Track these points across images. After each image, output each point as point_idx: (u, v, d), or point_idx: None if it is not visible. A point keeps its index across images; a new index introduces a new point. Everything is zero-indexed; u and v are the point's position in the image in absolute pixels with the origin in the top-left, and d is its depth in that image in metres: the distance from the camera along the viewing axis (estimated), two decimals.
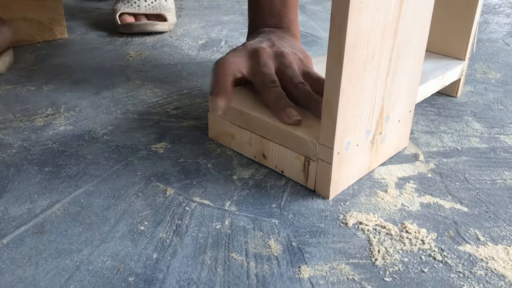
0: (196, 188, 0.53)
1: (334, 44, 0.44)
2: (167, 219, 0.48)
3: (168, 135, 0.63)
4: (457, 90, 0.76)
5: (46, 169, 0.55)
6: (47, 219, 0.47)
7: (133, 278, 0.41)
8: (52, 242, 0.44)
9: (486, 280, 0.41)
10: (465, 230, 0.47)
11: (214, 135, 0.62)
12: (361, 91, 0.48)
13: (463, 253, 0.44)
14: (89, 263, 0.42)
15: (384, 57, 0.49)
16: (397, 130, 0.58)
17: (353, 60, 0.45)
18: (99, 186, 0.53)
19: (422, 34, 0.54)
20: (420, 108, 0.72)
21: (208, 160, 0.58)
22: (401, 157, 0.60)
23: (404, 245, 0.45)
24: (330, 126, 0.47)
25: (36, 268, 0.41)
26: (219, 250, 0.44)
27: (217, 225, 0.47)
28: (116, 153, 0.59)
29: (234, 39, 1.01)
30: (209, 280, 0.41)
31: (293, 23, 0.67)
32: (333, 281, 0.41)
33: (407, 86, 0.55)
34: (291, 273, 0.42)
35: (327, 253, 0.44)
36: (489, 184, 0.55)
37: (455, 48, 0.73)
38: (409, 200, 0.52)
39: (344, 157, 0.50)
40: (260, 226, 0.47)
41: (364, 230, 0.47)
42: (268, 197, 0.51)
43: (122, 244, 0.44)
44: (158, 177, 0.54)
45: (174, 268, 0.42)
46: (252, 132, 0.56)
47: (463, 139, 0.64)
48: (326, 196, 0.51)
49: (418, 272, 0.42)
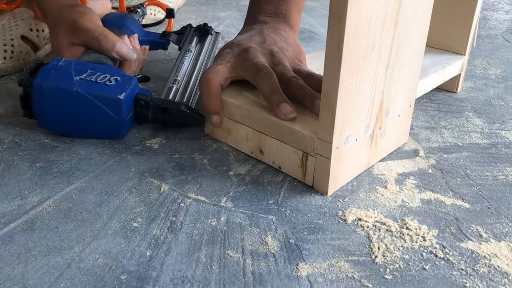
0: (191, 184, 0.51)
1: (333, 34, 0.42)
2: (161, 216, 0.46)
3: (163, 130, 0.62)
4: (457, 85, 0.75)
5: (37, 164, 0.54)
6: (37, 215, 0.46)
7: (126, 276, 0.39)
8: (42, 239, 0.43)
9: (489, 278, 0.40)
10: (467, 226, 0.46)
11: (210, 131, 0.61)
12: (360, 83, 0.47)
13: (465, 250, 0.43)
14: (80, 261, 0.41)
15: (384, 48, 0.48)
16: (397, 125, 0.56)
17: (353, 51, 0.43)
18: (92, 182, 0.51)
19: (423, 26, 0.53)
20: (419, 103, 0.71)
21: (204, 155, 0.57)
22: (401, 152, 0.58)
23: (405, 242, 0.44)
24: (328, 120, 0.46)
25: (25, 266, 0.40)
26: (214, 247, 0.43)
27: (212, 221, 0.46)
28: (109, 149, 0.57)
29: (231, 35, 0.99)
30: (204, 278, 0.39)
31: (291, 13, 0.65)
32: (332, 278, 0.40)
33: (407, 79, 0.54)
34: (289, 270, 0.40)
35: (325, 250, 0.43)
36: (491, 180, 0.53)
37: (456, 43, 0.72)
38: (410, 196, 0.50)
39: (343, 152, 0.49)
40: (257, 223, 0.46)
41: (363, 227, 0.46)
42: (265, 193, 0.50)
43: (115, 241, 0.43)
44: (152, 173, 0.53)
45: (168, 266, 0.40)
46: (249, 127, 0.55)
47: (464, 135, 0.63)
48: (325, 192, 0.50)
49: (420, 269, 0.41)
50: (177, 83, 0.63)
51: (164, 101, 0.59)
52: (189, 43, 0.73)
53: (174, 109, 0.58)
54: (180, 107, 0.58)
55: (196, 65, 0.69)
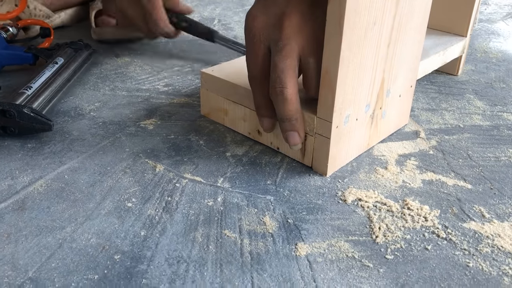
0: (187, 165, 0.50)
1: (334, 7, 0.41)
2: (156, 196, 0.45)
3: (158, 111, 0.60)
4: (458, 68, 0.73)
5: (29, 145, 0.52)
6: (28, 195, 0.45)
7: (119, 256, 0.38)
8: (33, 219, 0.42)
9: (493, 258, 0.39)
10: (470, 207, 0.45)
11: (206, 112, 0.59)
12: (361, 60, 0.45)
13: (468, 230, 0.42)
14: (73, 241, 0.39)
15: (386, 25, 0.46)
16: (397, 106, 0.55)
17: (354, 26, 0.42)
18: (85, 162, 0.50)
19: (425, 5, 0.51)
20: (420, 85, 0.69)
21: (200, 136, 0.55)
22: (401, 134, 0.57)
23: (406, 222, 0.43)
24: (328, 98, 0.45)
25: (15, 245, 0.39)
26: (211, 227, 0.41)
27: (209, 201, 0.45)
28: (103, 130, 0.56)
29: (228, 18, 0.98)
30: (200, 258, 0.38)
31: None
32: (331, 258, 0.39)
33: (408, 59, 0.53)
34: (287, 250, 0.39)
35: (325, 230, 0.42)
36: (493, 161, 0.52)
37: (457, 24, 0.71)
38: (411, 177, 0.49)
39: (343, 131, 0.48)
40: (254, 203, 0.45)
41: (364, 207, 0.45)
42: (263, 174, 0.49)
43: (108, 221, 0.42)
44: (147, 154, 0.52)
45: (163, 246, 0.39)
46: (247, 107, 0.54)
47: (465, 117, 0.62)
48: (324, 172, 0.49)
49: (422, 249, 0.40)
50: (28, 89, 0.57)
51: (3, 103, 0.52)
52: (59, 56, 0.66)
53: (15, 111, 0.51)
54: (23, 109, 0.52)
55: (60, 76, 0.62)
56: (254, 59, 0.47)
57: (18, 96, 0.55)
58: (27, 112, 0.52)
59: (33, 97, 0.56)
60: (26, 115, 0.52)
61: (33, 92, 0.57)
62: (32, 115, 0.52)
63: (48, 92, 0.58)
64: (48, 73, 0.61)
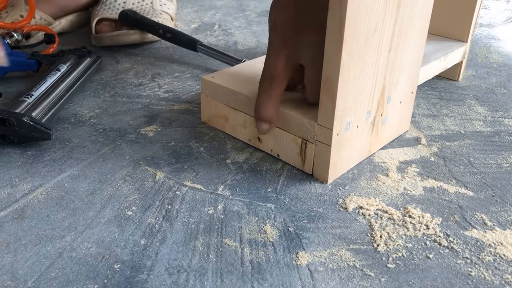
0: (187, 172, 0.50)
1: (334, 14, 0.41)
2: (156, 204, 0.45)
3: (158, 118, 0.60)
4: (459, 73, 0.73)
5: (29, 152, 0.52)
6: (28, 204, 0.44)
7: (119, 266, 0.38)
8: (32, 228, 0.41)
9: (495, 266, 0.39)
10: (471, 214, 0.45)
11: (207, 118, 0.59)
12: (362, 67, 0.45)
13: (470, 239, 0.42)
14: (72, 250, 0.39)
15: (387, 31, 0.46)
16: (398, 112, 0.55)
17: (354, 33, 0.42)
18: (85, 170, 0.50)
19: (426, 10, 0.51)
20: (421, 91, 0.69)
21: (200, 143, 0.55)
22: (402, 140, 0.57)
23: (408, 230, 0.43)
24: (329, 105, 0.45)
25: (14, 255, 0.39)
26: (211, 235, 0.41)
27: (209, 210, 0.44)
28: (103, 137, 0.56)
29: (228, 23, 0.98)
30: (200, 267, 0.38)
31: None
32: (333, 267, 0.38)
33: (409, 65, 0.53)
34: (288, 259, 0.39)
35: (326, 238, 0.41)
36: (495, 168, 0.52)
37: (458, 30, 0.71)
38: (412, 184, 0.49)
39: (344, 138, 0.48)
40: (255, 211, 0.44)
41: (365, 215, 0.44)
42: (263, 181, 0.49)
43: (108, 230, 0.41)
44: (147, 161, 0.51)
45: (163, 255, 0.39)
46: (247, 114, 0.53)
47: (466, 123, 0.61)
48: (325, 180, 0.49)
49: (423, 258, 0.40)
50: (29, 97, 0.56)
51: (3, 111, 0.52)
52: (62, 63, 0.66)
53: (14, 120, 0.51)
54: (22, 118, 0.51)
55: (62, 83, 0.62)
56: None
57: (19, 104, 0.55)
58: (26, 121, 0.51)
59: (34, 105, 0.56)
60: (26, 124, 0.51)
61: (34, 100, 0.57)
62: (32, 124, 0.52)
63: (49, 100, 0.58)
64: (50, 81, 0.61)
